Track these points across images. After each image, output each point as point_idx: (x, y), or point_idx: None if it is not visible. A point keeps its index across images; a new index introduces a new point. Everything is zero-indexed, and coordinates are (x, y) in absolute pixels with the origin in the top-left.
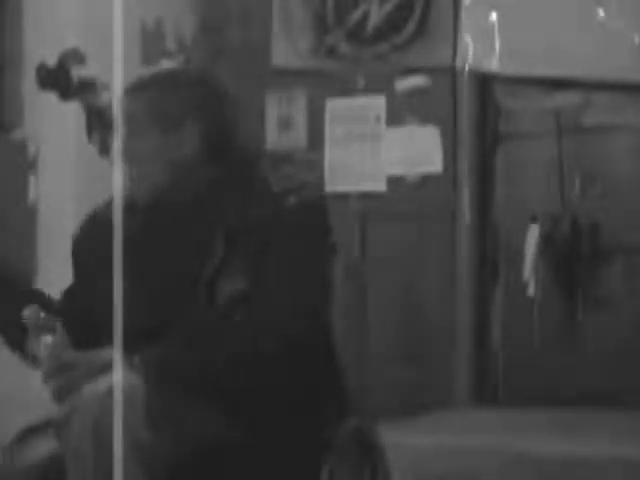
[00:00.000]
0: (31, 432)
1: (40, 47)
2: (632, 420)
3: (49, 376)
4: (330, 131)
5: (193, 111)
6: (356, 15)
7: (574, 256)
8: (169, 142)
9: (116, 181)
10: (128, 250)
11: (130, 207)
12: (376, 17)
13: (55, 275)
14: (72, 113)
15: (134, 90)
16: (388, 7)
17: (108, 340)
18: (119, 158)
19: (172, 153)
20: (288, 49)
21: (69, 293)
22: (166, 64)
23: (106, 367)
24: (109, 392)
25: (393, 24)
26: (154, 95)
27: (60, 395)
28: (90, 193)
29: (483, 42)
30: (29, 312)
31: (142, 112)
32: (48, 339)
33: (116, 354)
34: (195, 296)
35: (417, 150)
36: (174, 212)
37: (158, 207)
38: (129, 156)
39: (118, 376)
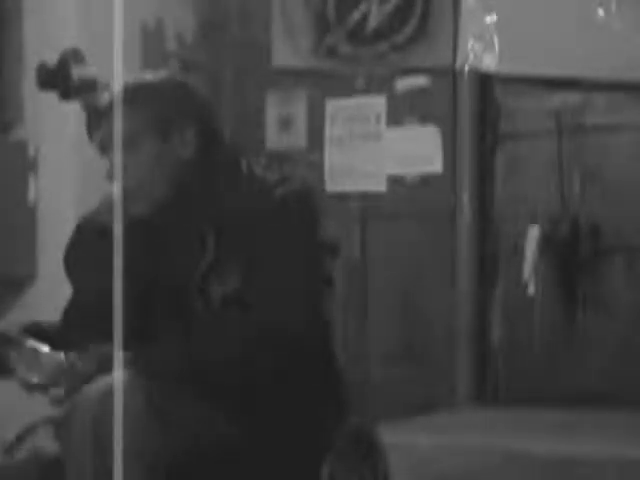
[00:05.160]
0: (31, 431)
1: (40, 47)
2: (632, 420)
3: (45, 389)
4: (330, 131)
5: (187, 114)
6: (356, 15)
7: (574, 256)
8: (169, 148)
9: (116, 184)
10: (123, 252)
11: (125, 212)
12: (376, 17)
13: (55, 275)
14: (72, 113)
15: (128, 98)
16: (388, 7)
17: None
18: (118, 163)
19: (172, 159)
20: (288, 49)
21: (69, 308)
22: (147, 74)
23: (106, 359)
24: (109, 392)
25: (393, 24)
26: (146, 104)
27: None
28: (90, 193)
29: (483, 42)
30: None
31: (135, 122)
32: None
33: (116, 354)
34: (189, 297)
35: (417, 150)
36: (167, 214)
37: (153, 213)
38: (126, 167)
39: (118, 376)
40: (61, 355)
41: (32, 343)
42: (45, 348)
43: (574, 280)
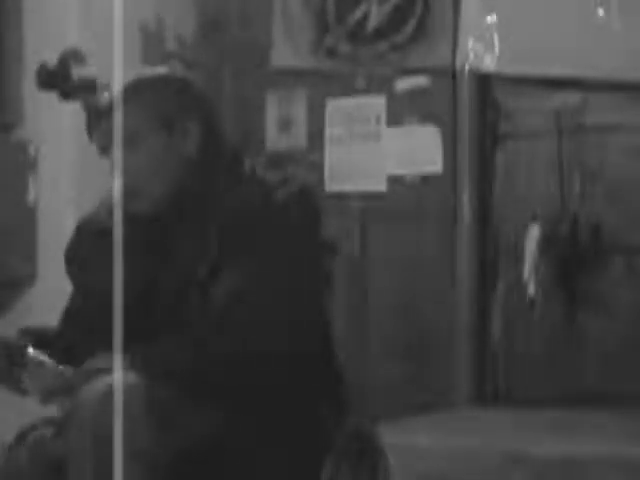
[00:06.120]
0: (31, 431)
1: (40, 47)
2: (632, 420)
3: (46, 400)
4: (330, 131)
5: (190, 110)
6: (356, 15)
7: (574, 256)
8: (171, 145)
9: (116, 184)
10: (124, 252)
11: (124, 212)
12: (376, 17)
13: (55, 275)
14: (72, 113)
15: (124, 97)
16: (388, 7)
17: (107, 345)
18: (118, 162)
19: (174, 156)
20: (288, 49)
21: (69, 308)
22: (148, 70)
23: (103, 373)
24: (108, 392)
25: (393, 24)
26: (148, 100)
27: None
28: (90, 193)
29: (483, 42)
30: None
31: (137, 119)
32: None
33: (116, 354)
34: (191, 296)
35: (417, 150)
36: (170, 213)
37: (155, 211)
38: (127, 164)
39: (118, 376)
40: (61, 368)
41: (33, 353)
42: (46, 358)
43: (574, 280)
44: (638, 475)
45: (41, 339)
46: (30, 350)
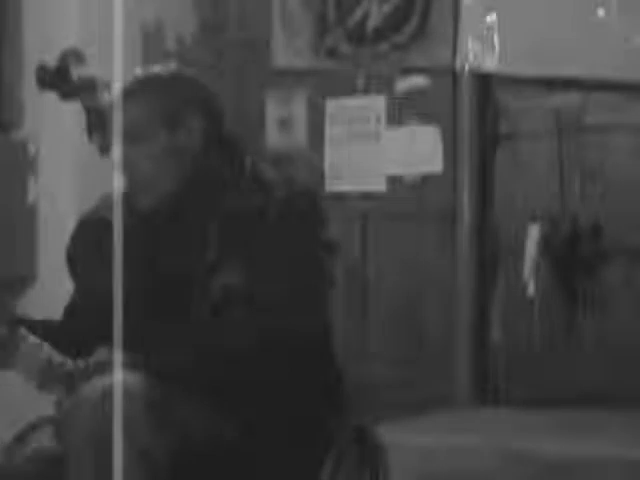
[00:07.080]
0: (31, 431)
1: (40, 47)
2: (632, 420)
3: (43, 388)
4: (330, 131)
5: (195, 108)
6: (356, 15)
7: (574, 256)
8: (175, 142)
9: (116, 183)
10: (125, 250)
11: (127, 208)
12: (376, 17)
13: (55, 275)
14: (72, 113)
15: (131, 94)
16: (388, 7)
17: (108, 343)
18: (118, 161)
19: (178, 152)
20: (288, 49)
21: (70, 306)
22: (155, 67)
23: (102, 367)
24: (109, 392)
25: (393, 24)
26: (154, 97)
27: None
28: (90, 193)
29: (483, 42)
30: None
31: (143, 115)
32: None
33: (116, 354)
34: (191, 293)
35: (417, 150)
36: (173, 210)
37: (159, 207)
38: (132, 160)
39: (118, 376)
40: (61, 359)
41: (35, 341)
42: (47, 348)
43: (574, 280)
44: (638, 475)
45: (43, 333)
46: (31, 337)
